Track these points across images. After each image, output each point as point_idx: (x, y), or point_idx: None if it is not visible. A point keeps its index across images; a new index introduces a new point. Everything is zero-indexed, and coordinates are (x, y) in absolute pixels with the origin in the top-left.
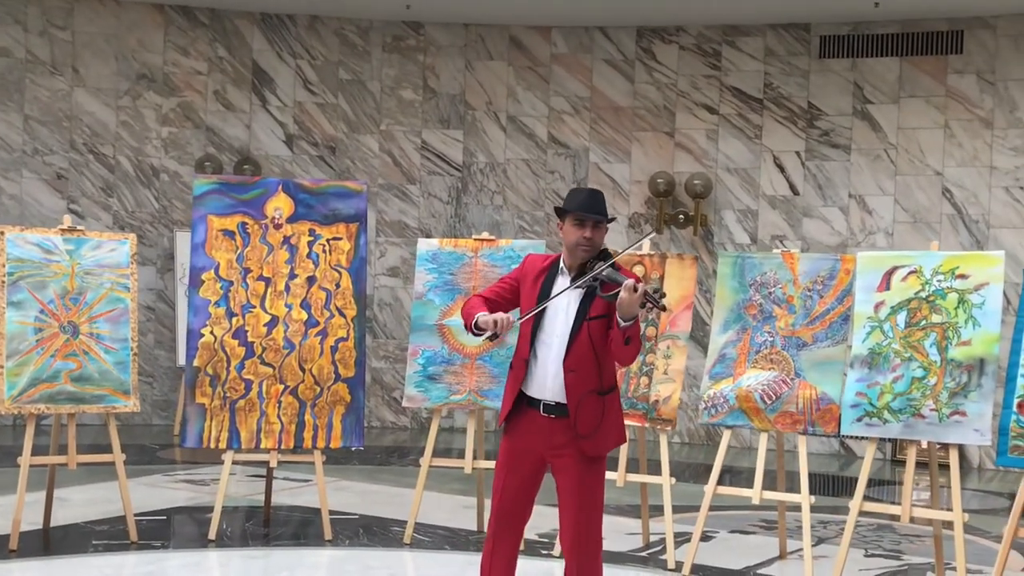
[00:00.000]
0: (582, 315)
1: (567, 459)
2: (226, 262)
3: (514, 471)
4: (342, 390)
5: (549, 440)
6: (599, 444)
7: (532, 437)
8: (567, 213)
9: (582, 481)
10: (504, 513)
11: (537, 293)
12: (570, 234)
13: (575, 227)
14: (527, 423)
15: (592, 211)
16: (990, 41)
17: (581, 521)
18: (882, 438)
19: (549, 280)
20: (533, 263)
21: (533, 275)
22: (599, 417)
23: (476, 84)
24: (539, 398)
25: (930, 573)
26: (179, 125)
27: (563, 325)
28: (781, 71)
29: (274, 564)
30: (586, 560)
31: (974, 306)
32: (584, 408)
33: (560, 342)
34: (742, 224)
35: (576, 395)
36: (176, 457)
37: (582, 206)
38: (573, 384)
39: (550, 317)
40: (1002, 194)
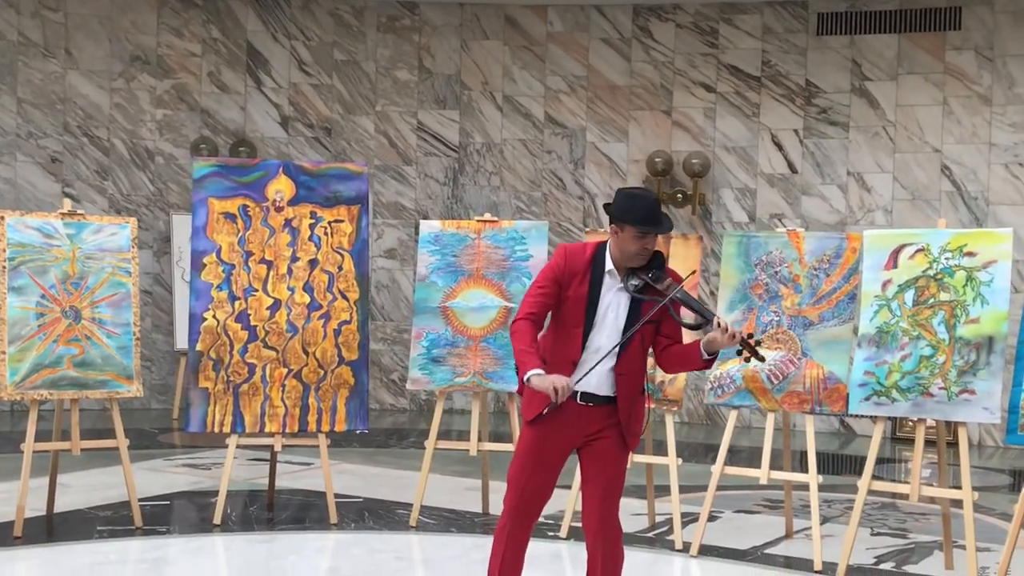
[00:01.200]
0: (633, 320)
1: (604, 444)
2: (228, 245)
3: (541, 462)
4: (346, 373)
5: (587, 427)
6: (636, 432)
7: (567, 427)
8: (628, 223)
9: (618, 467)
10: (525, 503)
11: (586, 294)
12: (629, 244)
13: (637, 239)
14: (560, 416)
15: (660, 225)
16: (988, 17)
17: (608, 505)
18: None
19: (596, 280)
20: (573, 259)
21: (579, 273)
22: (645, 415)
23: (472, 64)
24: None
25: (937, 551)
26: (174, 107)
27: (613, 328)
28: (779, 49)
29: (280, 548)
30: (612, 543)
31: (982, 284)
32: (635, 408)
33: (610, 344)
34: (740, 203)
35: (627, 397)
36: (176, 441)
37: (648, 220)
38: (623, 386)
39: (600, 319)
40: (1001, 171)
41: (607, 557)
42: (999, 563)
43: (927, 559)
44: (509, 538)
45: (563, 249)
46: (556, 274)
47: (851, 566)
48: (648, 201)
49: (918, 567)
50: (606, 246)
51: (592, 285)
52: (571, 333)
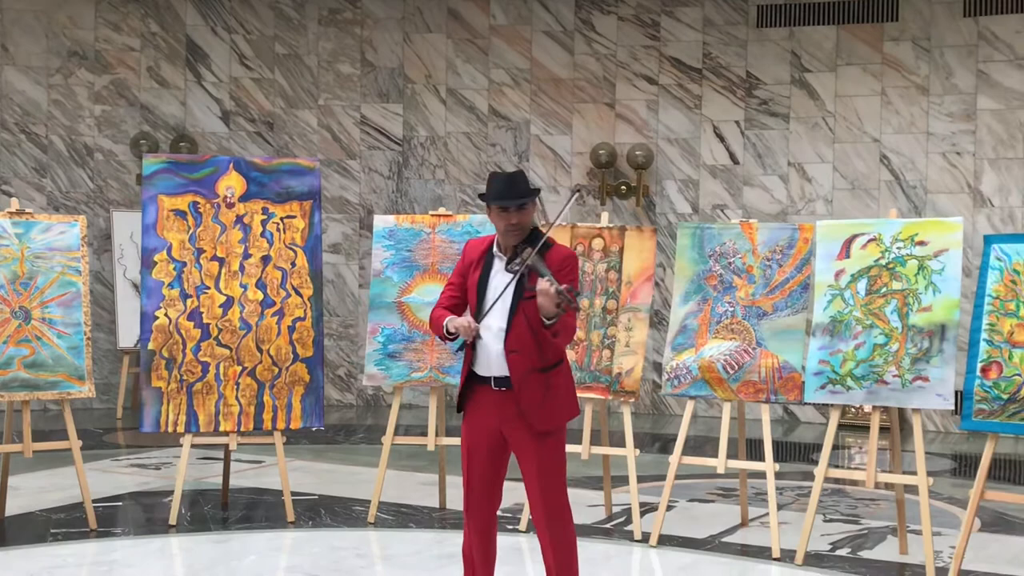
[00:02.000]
0: (518, 297)
1: (520, 433)
2: (178, 243)
3: (475, 451)
4: (301, 370)
5: (502, 412)
6: (546, 419)
7: (486, 411)
8: (488, 200)
9: (538, 454)
10: (472, 493)
11: (477, 280)
12: (497, 222)
13: (500, 215)
14: (480, 399)
15: (512, 197)
16: (925, 8)
17: (546, 493)
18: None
19: (487, 265)
20: (472, 250)
21: (474, 260)
22: (542, 394)
23: (415, 57)
24: (488, 375)
25: (890, 536)
26: (112, 103)
27: (501, 307)
28: (719, 41)
29: (240, 548)
30: (558, 530)
31: (934, 272)
32: (526, 386)
33: (499, 323)
34: (683, 194)
35: (518, 373)
36: (120, 441)
37: (501, 194)
38: (515, 363)
39: (490, 301)
40: (939, 160)
41: (557, 544)
42: (953, 547)
43: (881, 544)
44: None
45: (467, 244)
46: (460, 266)
47: (808, 553)
48: (504, 176)
49: (873, 552)
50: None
51: (483, 271)
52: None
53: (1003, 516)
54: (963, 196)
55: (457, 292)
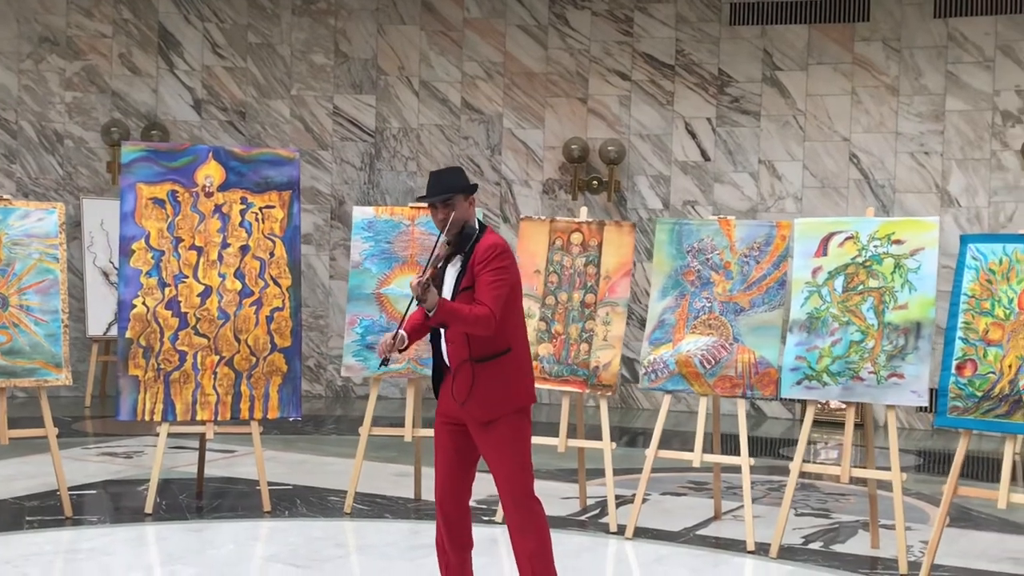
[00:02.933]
0: (456, 290)
1: (469, 422)
2: (157, 231)
3: (440, 440)
4: (278, 360)
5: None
6: (481, 408)
7: (446, 401)
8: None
9: (485, 443)
10: (441, 482)
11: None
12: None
13: (430, 212)
14: (444, 389)
15: (432, 194)
16: (896, 9)
17: (502, 481)
18: (791, 398)
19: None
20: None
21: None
22: (469, 384)
23: (388, 48)
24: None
25: (861, 530)
26: (83, 90)
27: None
28: (692, 38)
29: (217, 537)
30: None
31: (910, 271)
32: (459, 376)
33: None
34: (655, 190)
35: (454, 364)
36: (89, 429)
37: (426, 192)
38: (452, 354)
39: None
40: (907, 159)
41: (525, 532)
42: (923, 542)
43: (852, 538)
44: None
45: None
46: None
47: (781, 546)
48: (433, 174)
49: (845, 546)
50: None
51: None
52: None
53: (968, 511)
54: (931, 196)
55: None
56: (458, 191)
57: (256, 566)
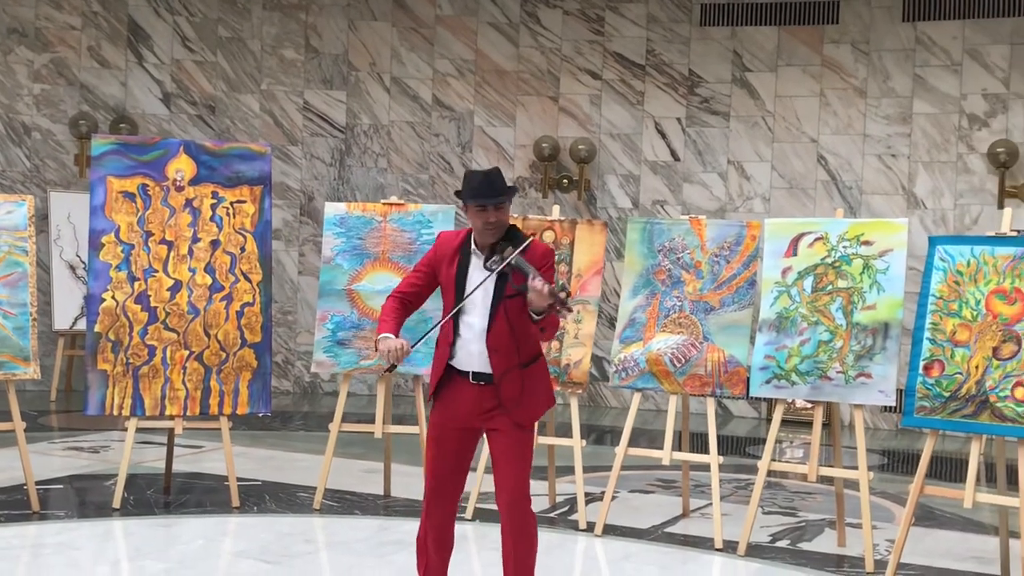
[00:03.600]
0: (498, 296)
1: (497, 424)
2: (127, 225)
3: (443, 443)
4: (248, 356)
5: (479, 405)
6: (525, 413)
7: (461, 405)
8: (466, 198)
9: (514, 445)
10: (436, 485)
11: (454, 276)
12: (474, 220)
13: (477, 213)
14: (456, 392)
15: (490, 196)
16: (865, 12)
17: (516, 482)
18: (757, 397)
19: (463, 262)
20: (445, 243)
21: (447, 257)
22: (519, 390)
23: (359, 44)
24: (467, 369)
25: (828, 528)
26: (52, 82)
27: (482, 306)
28: (663, 38)
29: (186, 532)
30: (520, 518)
31: (878, 271)
32: (506, 382)
33: (481, 322)
34: (624, 189)
35: (499, 371)
36: (55, 423)
37: (479, 193)
38: (497, 362)
39: (470, 299)
40: (874, 161)
41: (519, 535)
42: (889, 540)
43: (819, 537)
44: (430, 511)
45: (440, 236)
46: (430, 257)
47: (749, 544)
48: (481, 175)
49: (812, 544)
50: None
51: (459, 267)
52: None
53: (932, 511)
54: (897, 198)
55: (421, 281)
56: (511, 193)
57: (225, 562)
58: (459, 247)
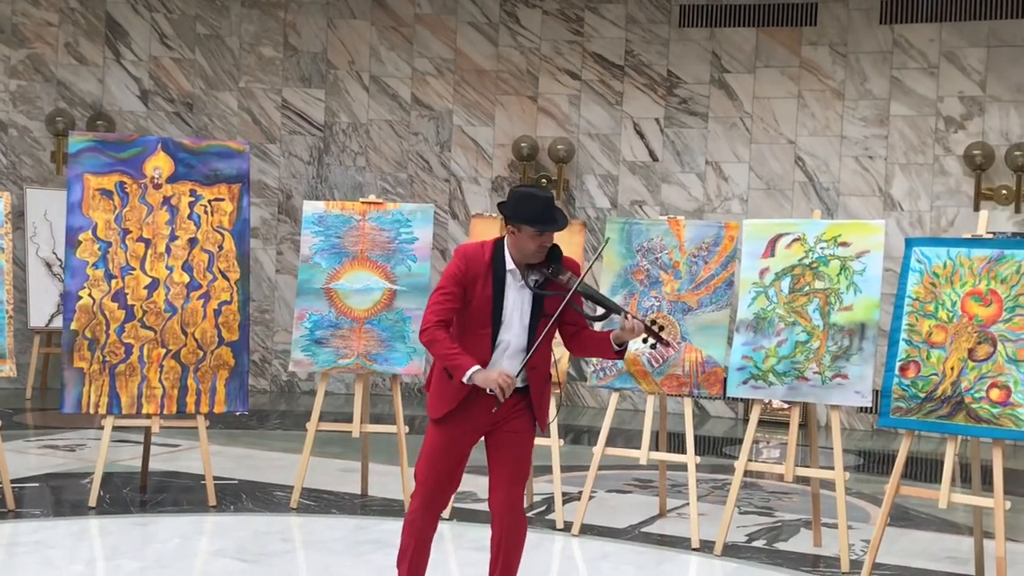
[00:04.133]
0: (538, 314)
1: (514, 428)
2: (104, 222)
3: (450, 457)
4: (226, 354)
5: (495, 417)
6: (545, 420)
7: (476, 420)
8: (524, 222)
9: (524, 447)
10: (435, 494)
11: (490, 297)
12: (527, 243)
13: (534, 237)
14: (475, 405)
15: (555, 224)
16: (843, 14)
17: (516, 488)
18: (734, 398)
19: (498, 281)
20: (474, 260)
21: (480, 276)
22: (548, 402)
23: (338, 43)
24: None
25: (804, 528)
26: (28, 78)
27: (519, 325)
28: (642, 39)
29: (162, 530)
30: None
31: (855, 273)
32: (543, 397)
33: (517, 341)
34: (603, 189)
35: (538, 387)
36: (30, 421)
37: (543, 219)
38: (534, 379)
39: (507, 318)
40: (852, 163)
41: (512, 538)
42: (865, 540)
43: (795, 536)
44: (420, 531)
45: (463, 252)
46: (459, 278)
47: (726, 543)
48: (543, 200)
49: (788, 544)
50: (503, 244)
51: (495, 286)
52: (478, 335)
53: (907, 511)
54: (874, 199)
55: (458, 304)
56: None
57: (201, 560)
58: (489, 263)
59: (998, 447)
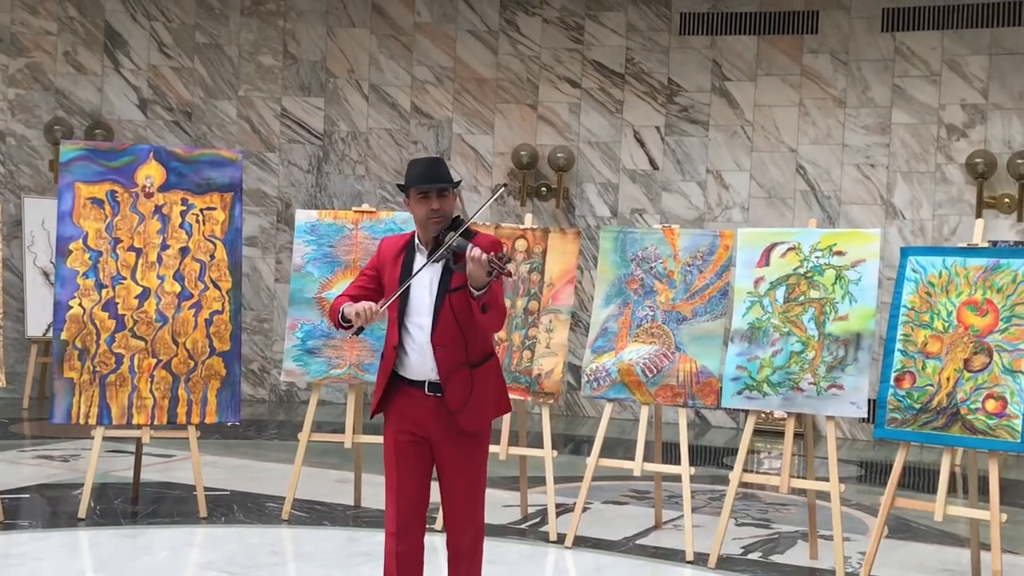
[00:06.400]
0: (443, 289)
1: (445, 434)
2: (95, 232)
3: (406, 460)
4: (217, 364)
5: (428, 414)
6: (473, 418)
7: (418, 420)
8: (410, 187)
9: (463, 458)
10: (406, 509)
11: (398, 275)
12: (417, 209)
13: (420, 201)
14: (410, 406)
15: (433, 181)
16: (844, 22)
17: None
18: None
19: (408, 260)
20: (389, 246)
21: (391, 258)
22: (468, 391)
23: (338, 51)
24: (421, 379)
25: (801, 541)
26: (27, 87)
27: (428, 303)
28: (642, 47)
29: (152, 543)
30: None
31: (851, 282)
32: (452, 382)
33: (428, 320)
34: (603, 197)
35: (446, 370)
36: (26, 432)
37: (422, 178)
38: (443, 359)
39: (416, 298)
40: (853, 171)
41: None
42: (862, 553)
43: (791, 549)
44: (400, 536)
45: (382, 241)
46: (374, 262)
47: (720, 556)
48: (424, 161)
49: (784, 557)
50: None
51: (404, 266)
52: (392, 317)
53: (907, 523)
54: (876, 208)
55: (372, 284)
56: (456, 183)
57: (190, 573)
58: (403, 248)
59: (994, 459)
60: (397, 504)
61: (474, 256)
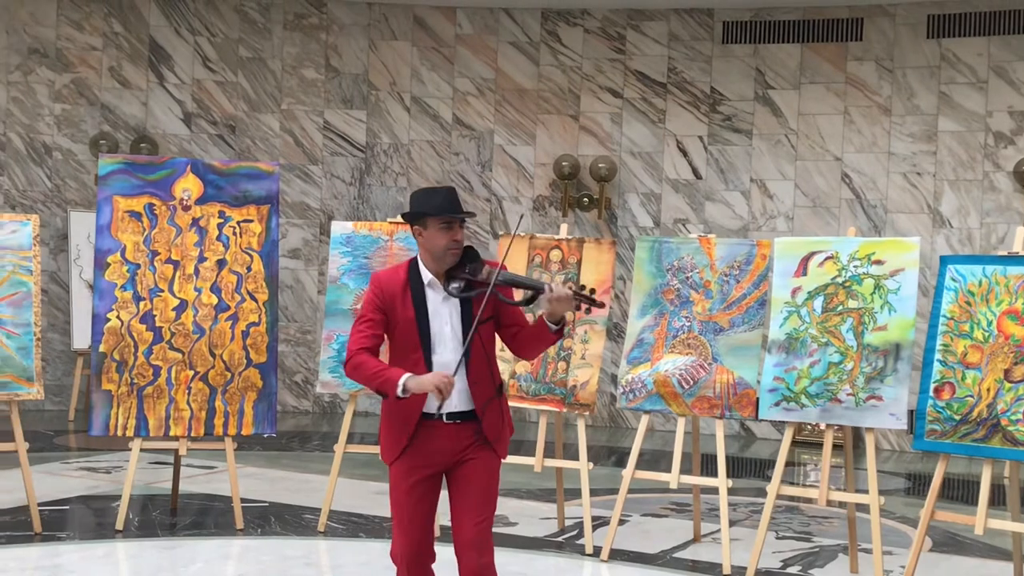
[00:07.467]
0: (468, 323)
1: (474, 458)
2: (132, 244)
3: (418, 496)
4: (253, 376)
5: (456, 444)
6: (504, 443)
7: (436, 451)
8: (428, 217)
9: (488, 478)
10: (416, 544)
11: (413, 317)
12: (437, 239)
13: (443, 231)
14: (428, 437)
15: (458, 210)
16: (889, 29)
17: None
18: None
19: (418, 297)
20: (387, 283)
21: (397, 296)
22: (501, 420)
23: (379, 64)
24: (438, 412)
25: (841, 554)
26: (73, 102)
27: (453, 339)
28: (684, 56)
29: (186, 555)
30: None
31: (890, 292)
32: (488, 414)
33: (455, 356)
34: (646, 207)
35: (480, 403)
36: (71, 444)
37: (447, 208)
38: (478, 394)
39: (436, 335)
40: (899, 179)
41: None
42: (903, 567)
43: (832, 563)
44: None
45: (375, 278)
46: (376, 304)
47: (759, 570)
48: (443, 191)
49: (824, 571)
50: (418, 261)
51: (416, 303)
52: (411, 358)
53: (954, 536)
54: (923, 216)
55: (379, 329)
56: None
57: None
58: (406, 281)
59: None
60: (409, 540)
61: (558, 296)
